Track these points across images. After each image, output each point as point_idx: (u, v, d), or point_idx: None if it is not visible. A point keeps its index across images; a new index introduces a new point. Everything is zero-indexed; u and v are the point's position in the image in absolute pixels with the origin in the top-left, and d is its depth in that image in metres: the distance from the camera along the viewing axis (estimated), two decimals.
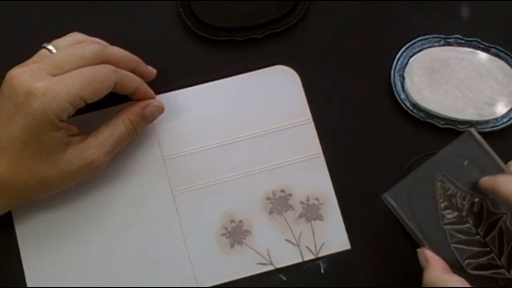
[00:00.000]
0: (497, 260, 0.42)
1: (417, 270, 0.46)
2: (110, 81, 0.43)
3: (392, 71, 0.50)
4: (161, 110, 0.47)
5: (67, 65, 0.41)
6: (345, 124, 0.49)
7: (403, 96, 0.50)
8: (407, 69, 0.50)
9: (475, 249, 0.43)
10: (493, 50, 0.51)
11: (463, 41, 0.51)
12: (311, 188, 0.48)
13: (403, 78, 0.50)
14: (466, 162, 0.44)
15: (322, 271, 0.47)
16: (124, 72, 0.44)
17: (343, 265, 0.47)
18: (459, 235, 0.43)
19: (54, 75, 0.41)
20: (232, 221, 0.48)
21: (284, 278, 0.47)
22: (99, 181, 0.47)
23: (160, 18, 0.51)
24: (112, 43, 0.49)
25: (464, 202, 0.43)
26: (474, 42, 0.51)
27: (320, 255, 0.47)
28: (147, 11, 0.51)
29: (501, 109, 0.49)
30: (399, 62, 0.50)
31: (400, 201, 0.44)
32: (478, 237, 0.43)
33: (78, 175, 0.43)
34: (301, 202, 0.48)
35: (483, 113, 0.49)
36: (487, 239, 0.43)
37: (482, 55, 0.51)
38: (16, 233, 0.47)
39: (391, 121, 0.50)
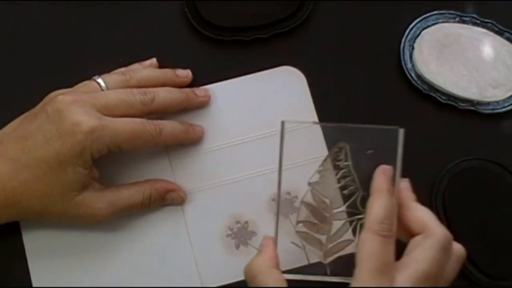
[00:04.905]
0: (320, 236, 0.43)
1: None
2: (152, 142, 0.44)
3: (403, 40, 0.50)
4: (182, 202, 0.48)
5: (116, 110, 0.43)
6: None
7: (409, 65, 0.50)
8: (418, 40, 0.50)
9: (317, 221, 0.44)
10: (506, 34, 0.51)
11: (478, 21, 0.51)
12: None
13: (413, 48, 0.50)
14: (370, 151, 0.43)
15: (328, 273, 0.47)
16: (168, 132, 0.45)
17: (350, 268, 0.47)
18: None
19: (103, 114, 0.42)
20: (237, 222, 0.48)
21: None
22: (104, 182, 0.47)
23: (166, 19, 0.51)
24: (118, 43, 0.50)
25: (342, 180, 0.43)
26: (489, 24, 0.51)
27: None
28: (152, 11, 0.51)
29: (504, 93, 0.49)
30: (411, 32, 0.50)
31: None
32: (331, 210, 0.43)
33: (78, 219, 0.44)
34: None
35: (485, 94, 0.49)
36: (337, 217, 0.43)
37: (495, 38, 0.50)
38: (23, 237, 0.47)
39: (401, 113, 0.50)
